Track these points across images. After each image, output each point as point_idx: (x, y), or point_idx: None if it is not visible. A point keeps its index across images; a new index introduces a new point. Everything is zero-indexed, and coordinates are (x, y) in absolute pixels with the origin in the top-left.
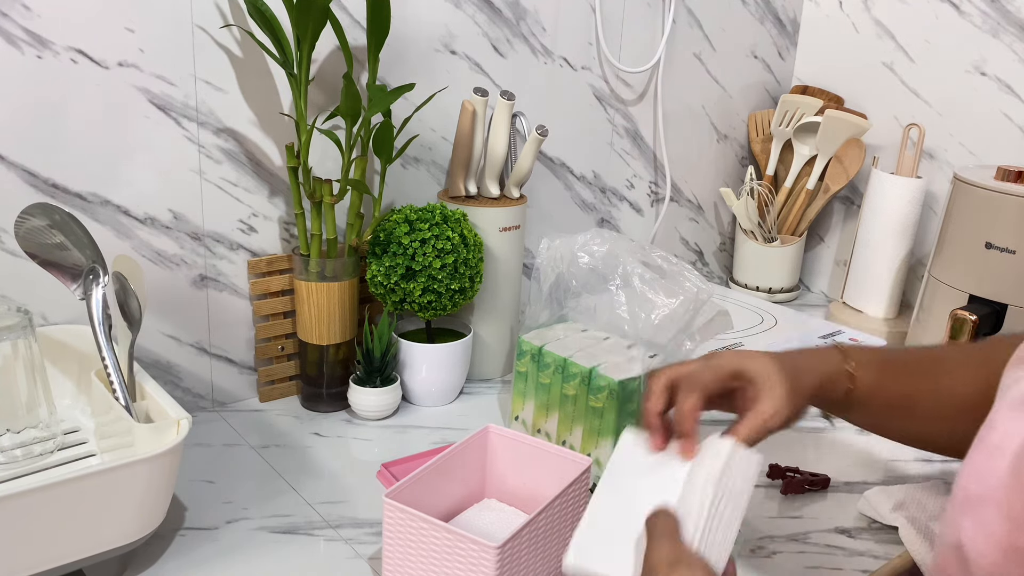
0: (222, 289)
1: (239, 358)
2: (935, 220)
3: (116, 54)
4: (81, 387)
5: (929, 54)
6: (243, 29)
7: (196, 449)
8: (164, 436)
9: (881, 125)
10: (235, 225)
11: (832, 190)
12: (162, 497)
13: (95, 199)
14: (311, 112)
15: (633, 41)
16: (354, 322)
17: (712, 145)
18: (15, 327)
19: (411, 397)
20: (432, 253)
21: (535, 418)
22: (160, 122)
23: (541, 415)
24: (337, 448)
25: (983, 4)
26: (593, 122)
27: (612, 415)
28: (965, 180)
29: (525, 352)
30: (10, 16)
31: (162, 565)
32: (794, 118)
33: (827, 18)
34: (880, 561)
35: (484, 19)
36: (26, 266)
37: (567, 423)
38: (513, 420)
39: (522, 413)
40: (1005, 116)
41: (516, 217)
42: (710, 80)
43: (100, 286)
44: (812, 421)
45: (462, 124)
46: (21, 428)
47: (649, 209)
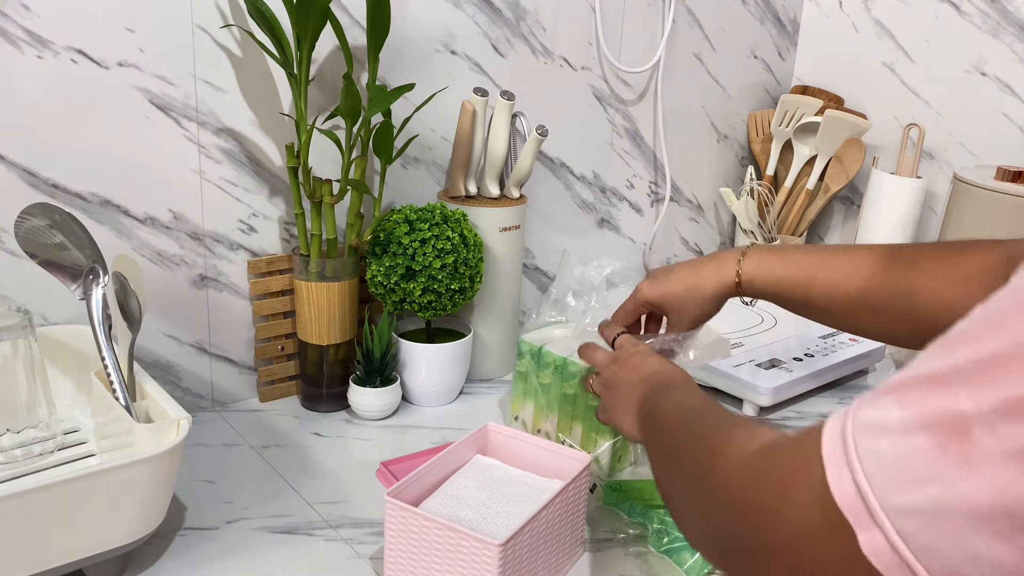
0: (222, 289)
1: (239, 358)
2: (935, 220)
3: (116, 54)
4: (81, 387)
5: (929, 54)
6: (243, 29)
7: (196, 449)
8: (164, 436)
9: (881, 125)
10: (235, 225)
11: (832, 190)
12: (162, 497)
13: (95, 199)
14: (311, 112)
15: (633, 41)
16: (354, 322)
17: (712, 145)
18: (15, 327)
19: (411, 397)
20: (432, 253)
21: (535, 418)
22: (160, 122)
23: (541, 415)
24: (337, 448)
25: (983, 4)
26: (593, 122)
27: None
28: (965, 180)
29: (524, 352)
30: (10, 16)
31: (162, 565)
32: (794, 118)
33: (827, 18)
34: None
35: (484, 19)
36: (26, 266)
37: (566, 422)
38: (513, 420)
39: (522, 413)
40: (1005, 116)
41: (516, 217)
42: (710, 80)
43: (100, 286)
44: (813, 421)
45: (462, 124)
46: (21, 428)
47: (649, 209)
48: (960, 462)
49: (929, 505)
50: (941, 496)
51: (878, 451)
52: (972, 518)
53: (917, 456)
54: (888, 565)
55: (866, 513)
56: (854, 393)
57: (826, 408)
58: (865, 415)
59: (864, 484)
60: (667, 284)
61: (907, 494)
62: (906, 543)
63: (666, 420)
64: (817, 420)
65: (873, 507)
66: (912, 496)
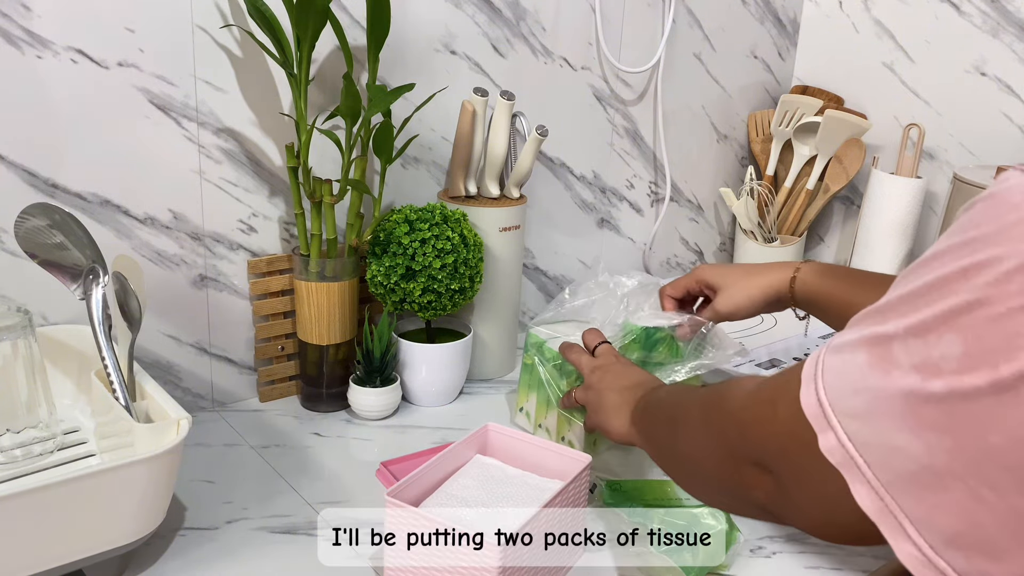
0: (222, 289)
1: (239, 358)
2: (935, 220)
3: (116, 54)
4: (81, 387)
5: (929, 54)
6: (243, 29)
7: (196, 449)
8: (164, 436)
9: (881, 125)
10: (235, 225)
11: (832, 190)
12: (162, 497)
13: (95, 199)
14: (311, 112)
15: (633, 41)
16: (354, 322)
17: (712, 145)
18: (15, 327)
19: (411, 397)
20: (432, 253)
21: (537, 412)
22: (160, 122)
23: (542, 411)
24: (337, 448)
25: (983, 4)
26: (593, 122)
27: None
28: (965, 180)
29: (531, 345)
30: (10, 16)
31: (162, 565)
32: (794, 118)
33: (827, 18)
34: (880, 561)
35: (484, 19)
36: (26, 266)
37: (565, 420)
38: (518, 411)
39: (526, 405)
40: (1005, 116)
41: (516, 217)
42: (710, 80)
43: (100, 286)
44: None
45: (462, 124)
46: (21, 428)
47: (649, 209)
48: (883, 372)
49: (865, 408)
50: (871, 400)
51: (833, 366)
52: (892, 417)
53: (856, 369)
54: (840, 462)
55: (822, 417)
56: None
57: None
58: (835, 339)
59: (823, 394)
60: (727, 266)
61: (850, 400)
62: (851, 440)
63: (666, 400)
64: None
65: (827, 412)
66: (854, 401)
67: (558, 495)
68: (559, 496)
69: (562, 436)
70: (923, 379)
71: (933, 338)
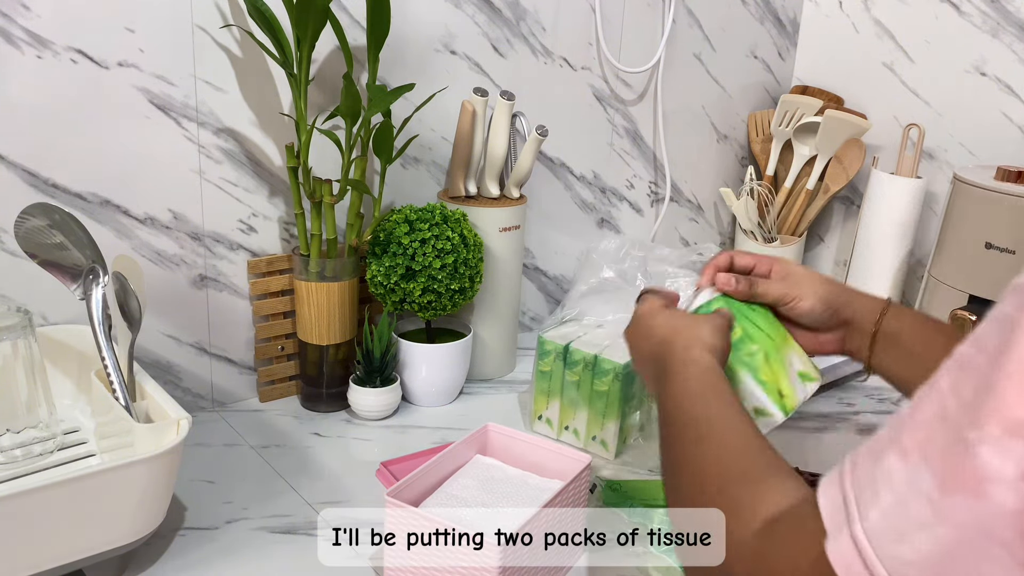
0: (222, 289)
1: (239, 358)
2: (935, 220)
3: (116, 54)
4: (81, 387)
5: (929, 54)
6: (243, 29)
7: (196, 449)
8: (164, 436)
9: (881, 125)
10: (235, 225)
11: (832, 190)
12: (162, 497)
13: (95, 199)
14: (311, 112)
15: (633, 41)
16: (354, 322)
17: (712, 145)
18: (15, 327)
19: (411, 397)
20: (432, 253)
21: (561, 416)
22: (160, 122)
23: (568, 413)
24: (337, 448)
25: (983, 4)
26: (593, 122)
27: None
28: (965, 180)
29: (549, 352)
30: (10, 16)
31: (162, 565)
32: (794, 118)
33: (827, 18)
34: None
35: (484, 19)
36: (26, 266)
37: (598, 419)
38: (536, 419)
39: (546, 412)
40: (1005, 116)
41: (516, 217)
42: (710, 80)
43: (100, 286)
44: (813, 421)
45: (462, 124)
46: (21, 428)
47: (649, 209)
48: (969, 492)
49: (938, 551)
50: (950, 537)
51: (877, 498)
52: (994, 558)
53: (917, 496)
54: None
55: (864, 571)
56: (854, 393)
57: (826, 408)
58: (867, 450)
59: (863, 541)
60: (809, 270)
61: (910, 542)
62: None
63: (666, 430)
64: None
65: (872, 563)
66: (916, 542)
67: (558, 495)
68: (559, 496)
69: (593, 436)
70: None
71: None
